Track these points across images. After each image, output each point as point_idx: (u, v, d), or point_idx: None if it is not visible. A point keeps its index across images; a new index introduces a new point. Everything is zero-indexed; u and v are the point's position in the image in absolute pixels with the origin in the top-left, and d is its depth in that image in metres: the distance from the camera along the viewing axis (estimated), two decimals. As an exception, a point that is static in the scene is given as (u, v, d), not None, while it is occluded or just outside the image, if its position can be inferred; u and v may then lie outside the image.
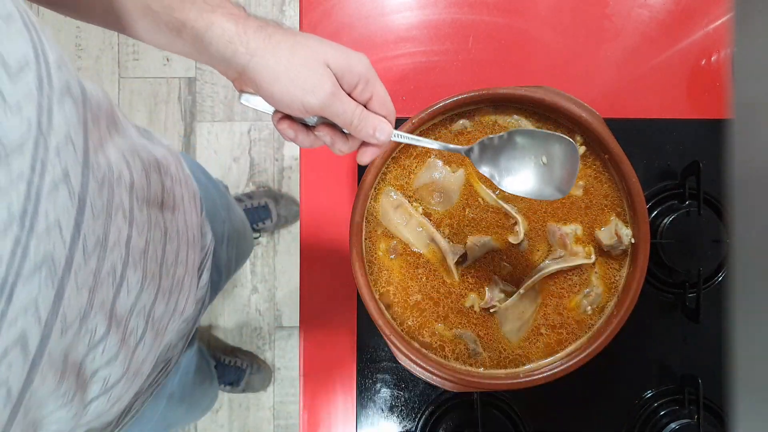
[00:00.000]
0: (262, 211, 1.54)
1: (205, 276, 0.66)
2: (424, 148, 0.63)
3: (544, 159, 0.50)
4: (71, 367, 0.37)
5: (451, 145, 0.51)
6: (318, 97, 0.44)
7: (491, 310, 0.62)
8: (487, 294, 0.62)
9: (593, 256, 0.62)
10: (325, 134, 0.48)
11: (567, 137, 0.49)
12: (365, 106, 0.47)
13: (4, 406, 0.31)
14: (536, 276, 0.61)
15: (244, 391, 1.55)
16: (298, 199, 1.62)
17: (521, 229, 0.62)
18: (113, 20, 0.45)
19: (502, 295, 0.62)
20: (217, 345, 1.62)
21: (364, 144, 0.49)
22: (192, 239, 0.57)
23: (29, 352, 0.31)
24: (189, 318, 0.63)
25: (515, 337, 0.63)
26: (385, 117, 0.48)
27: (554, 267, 0.61)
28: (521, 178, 0.51)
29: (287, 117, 0.47)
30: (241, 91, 0.48)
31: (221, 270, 0.78)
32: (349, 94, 0.46)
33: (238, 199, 1.56)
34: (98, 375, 0.42)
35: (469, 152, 0.51)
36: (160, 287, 0.48)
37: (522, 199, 0.63)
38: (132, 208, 0.41)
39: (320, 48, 0.44)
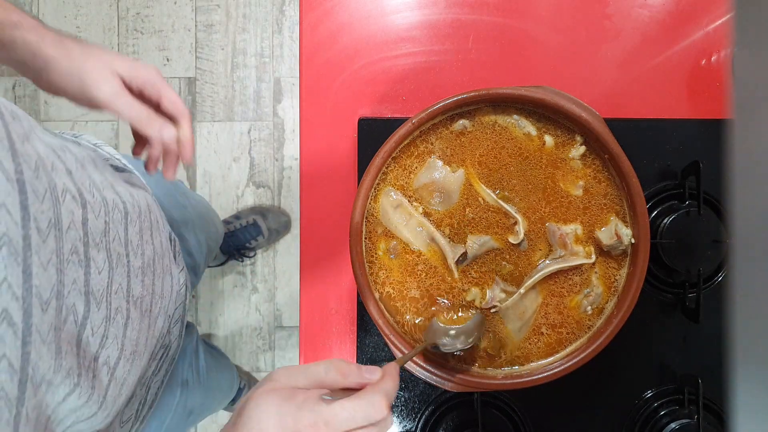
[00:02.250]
0: (252, 228, 1.54)
1: (180, 261, 0.68)
2: (425, 148, 0.63)
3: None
4: (67, 345, 0.40)
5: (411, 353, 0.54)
6: (103, 93, 0.52)
7: (492, 310, 0.62)
8: (488, 294, 0.62)
9: (593, 256, 0.62)
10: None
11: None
12: (159, 109, 0.55)
13: (11, 378, 0.33)
14: (536, 276, 0.61)
15: None
16: (291, 206, 1.62)
17: (521, 229, 0.62)
18: None
19: (503, 295, 0.62)
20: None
21: (166, 161, 0.57)
22: (154, 222, 0.61)
23: (16, 326, 0.34)
24: (175, 301, 0.65)
25: (516, 336, 0.63)
26: (175, 116, 0.56)
27: (554, 267, 0.62)
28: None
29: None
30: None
31: (193, 253, 0.82)
32: (141, 99, 0.54)
33: (226, 222, 1.56)
34: (100, 357, 0.45)
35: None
36: (130, 267, 0.51)
37: (522, 198, 0.63)
38: (81, 192, 0.44)
39: (109, 57, 0.53)
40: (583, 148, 0.62)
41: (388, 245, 0.63)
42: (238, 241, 1.54)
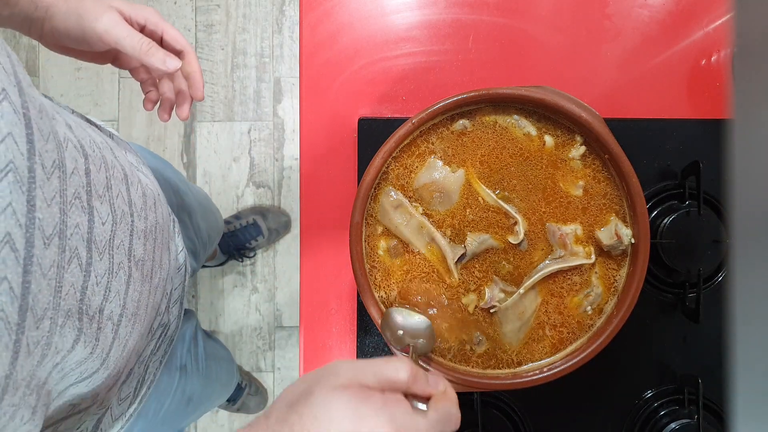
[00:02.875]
0: (252, 228, 1.54)
1: (179, 241, 0.69)
2: (426, 148, 0.63)
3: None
4: (69, 287, 0.39)
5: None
6: (102, 23, 0.53)
7: (491, 310, 0.62)
8: (487, 294, 0.62)
9: (593, 256, 0.62)
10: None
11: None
12: (162, 46, 0.57)
13: (11, 301, 0.32)
14: (536, 276, 0.61)
15: (238, 410, 1.55)
16: (291, 206, 1.62)
17: (521, 229, 0.62)
18: None
19: (502, 295, 0.62)
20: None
21: (178, 100, 0.61)
22: (155, 193, 0.60)
23: (18, 253, 0.33)
24: (174, 278, 0.66)
25: (515, 337, 0.63)
26: (180, 51, 0.58)
27: (554, 267, 0.62)
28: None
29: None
30: None
31: (193, 238, 0.83)
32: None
33: (226, 222, 1.56)
34: (105, 310, 0.44)
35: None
36: (134, 228, 0.51)
37: (522, 199, 0.63)
38: (82, 145, 0.44)
39: None
40: (583, 148, 0.62)
41: (388, 245, 0.63)
42: (238, 241, 1.54)
